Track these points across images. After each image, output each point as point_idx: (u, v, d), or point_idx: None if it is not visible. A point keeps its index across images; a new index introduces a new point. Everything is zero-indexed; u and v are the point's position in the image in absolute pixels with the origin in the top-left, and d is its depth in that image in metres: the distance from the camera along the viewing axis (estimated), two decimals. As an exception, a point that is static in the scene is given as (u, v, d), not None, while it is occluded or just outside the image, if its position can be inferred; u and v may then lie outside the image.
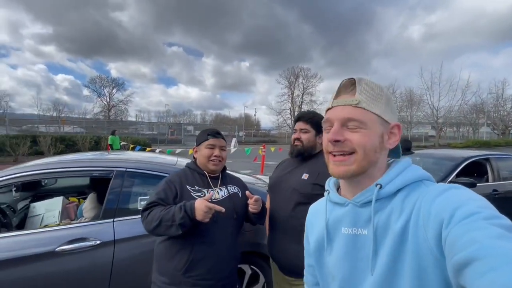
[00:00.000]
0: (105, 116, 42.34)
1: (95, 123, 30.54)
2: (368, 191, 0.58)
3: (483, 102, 35.63)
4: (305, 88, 51.79)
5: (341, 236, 0.62)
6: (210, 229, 1.27)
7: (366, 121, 0.58)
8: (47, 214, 2.52)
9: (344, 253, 0.60)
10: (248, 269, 1.98)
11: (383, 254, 0.53)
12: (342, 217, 0.62)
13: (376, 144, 0.58)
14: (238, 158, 12.16)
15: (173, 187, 1.30)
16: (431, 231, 0.47)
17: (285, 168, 1.51)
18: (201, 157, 1.39)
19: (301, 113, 1.50)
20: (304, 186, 1.32)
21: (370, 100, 0.58)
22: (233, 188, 1.45)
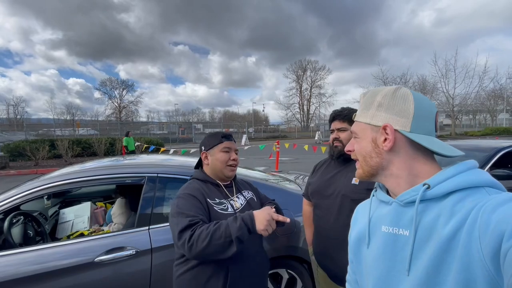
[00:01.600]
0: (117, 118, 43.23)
1: (108, 125, 31.18)
2: (414, 190, 0.56)
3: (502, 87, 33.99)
4: (313, 81, 51.30)
5: (381, 234, 0.61)
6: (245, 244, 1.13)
7: (357, 131, 0.65)
8: (77, 220, 2.54)
9: (382, 252, 0.59)
10: (285, 273, 1.92)
11: (424, 257, 0.51)
12: (384, 215, 0.62)
13: (368, 149, 0.62)
14: (251, 154, 12.12)
15: (199, 202, 1.14)
16: (487, 243, 0.43)
17: (328, 172, 1.41)
18: (217, 163, 1.27)
19: (336, 112, 1.41)
20: (356, 193, 1.22)
21: (361, 112, 0.65)
22: (247, 193, 1.37)
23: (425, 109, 0.59)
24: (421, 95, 0.62)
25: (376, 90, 0.64)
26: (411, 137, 0.58)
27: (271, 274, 1.90)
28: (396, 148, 0.59)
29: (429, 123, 0.60)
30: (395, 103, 0.60)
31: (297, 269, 1.93)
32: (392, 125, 0.59)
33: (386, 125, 0.59)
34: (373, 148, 0.61)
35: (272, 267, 1.88)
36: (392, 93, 0.61)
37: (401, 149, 0.59)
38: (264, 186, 2.13)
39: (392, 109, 0.60)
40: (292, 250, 1.90)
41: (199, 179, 1.28)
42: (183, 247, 1.01)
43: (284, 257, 1.90)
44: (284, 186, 2.27)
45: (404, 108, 0.59)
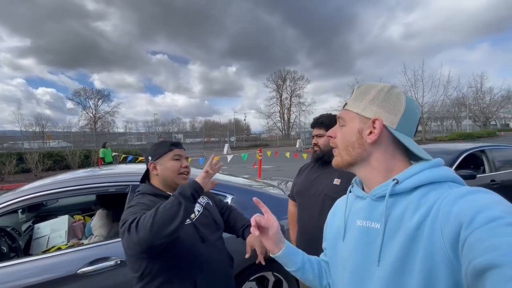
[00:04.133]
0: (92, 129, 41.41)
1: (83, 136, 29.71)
2: (385, 185, 0.59)
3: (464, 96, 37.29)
4: (293, 90, 52.63)
5: (356, 228, 0.64)
6: (205, 251, 1.14)
7: (345, 118, 0.66)
8: (53, 234, 2.42)
9: (356, 244, 0.62)
10: (271, 276, 1.96)
11: (392, 248, 0.54)
12: (359, 209, 0.65)
13: (352, 139, 0.63)
14: (234, 163, 12.11)
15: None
16: (448, 232, 0.46)
17: (312, 173, 1.52)
18: (168, 172, 1.19)
19: (315, 119, 1.54)
20: (337, 192, 1.33)
21: (353, 100, 0.66)
22: (202, 199, 1.31)
23: (413, 111, 0.63)
24: (412, 98, 0.65)
25: (371, 84, 0.66)
26: (396, 134, 0.60)
27: (258, 277, 1.93)
28: (378, 142, 0.61)
29: (412, 125, 0.63)
30: (388, 100, 0.62)
31: (283, 271, 1.98)
32: (381, 119, 0.61)
33: (376, 118, 0.61)
34: (357, 139, 0.63)
35: (258, 270, 1.92)
36: (387, 90, 0.63)
37: (382, 144, 0.62)
38: (248, 191, 2.18)
39: (384, 105, 0.62)
40: (277, 252, 1.95)
41: (148, 194, 1.16)
42: (128, 233, 0.89)
43: (270, 259, 1.94)
44: (267, 191, 2.34)
45: (396, 106, 0.62)
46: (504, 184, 3.75)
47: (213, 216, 1.27)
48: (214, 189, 1.99)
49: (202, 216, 1.22)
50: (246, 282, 1.87)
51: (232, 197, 2.01)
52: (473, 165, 4.09)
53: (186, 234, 1.11)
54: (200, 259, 1.12)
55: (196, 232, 1.14)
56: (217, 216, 1.31)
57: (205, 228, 1.19)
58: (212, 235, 1.21)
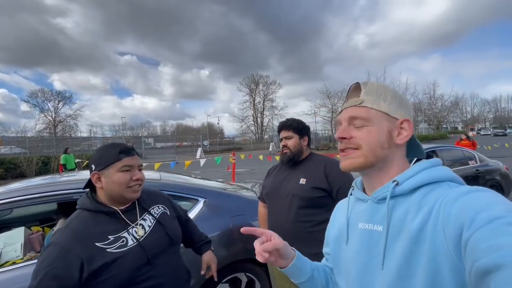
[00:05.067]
0: (51, 133, 38.21)
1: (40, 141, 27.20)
2: (385, 187, 0.59)
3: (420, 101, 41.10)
4: (265, 94, 53.45)
5: (358, 231, 0.63)
6: (152, 273, 1.05)
7: (370, 117, 0.61)
8: (6, 249, 2.21)
9: (359, 248, 0.61)
10: (244, 276, 1.99)
11: (396, 251, 0.53)
12: (361, 212, 0.64)
13: (382, 139, 0.60)
14: (207, 168, 11.95)
15: (73, 259, 0.91)
16: (450, 233, 0.46)
17: (279, 175, 1.59)
18: (113, 186, 1.03)
19: (282, 122, 1.62)
20: (303, 191, 1.41)
21: (374, 99, 0.62)
22: (158, 209, 1.19)
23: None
24: None
25: (380, 84, 0.66)
26: (414, 136, 0.63)
27: (230, 279, 1.95)
28: (404, 143, 0.62)
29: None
30: (404, 102, 0.64)
31: (255, 271, 2.02)
32: (411, 120, 0.62)
33: (406, 119, 0.62)
34: (387, 139, 0.60)
35: (231, 272, 1.94)
36: (399, 92, 0.66)
37: (404, 146, 0.63)
38: (222, 194, 2.20)
39: (404, 107, 0.63)
40: (250, 253, 1.99)
41: (89, 210, 1.04)
42: None
43: (242, 261, 1.98)
44: (241, 193, 2.37)
45: (410, 109, 0.65)
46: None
47: (166, 230, 1.15)
48: (186, 193, 1.99)
49: (153, 232, 1.10)
50: (219, 284, 1.88)
51: (204, 200, 2.02)
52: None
53: (129, 258, 1.00)
54: (146, 284, 1.03)
55: (142, 253, 1.03)
56: (172, 229, 1.18)
57: (155, 246, 1.08)
58: (163, 253, 1.11)
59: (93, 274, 0.93)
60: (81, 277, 0.91)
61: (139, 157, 1.14)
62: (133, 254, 1.01)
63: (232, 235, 1.95)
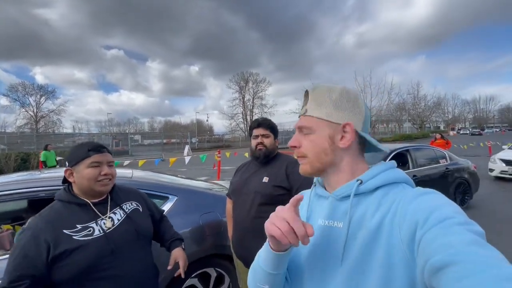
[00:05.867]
0: (32, 129, 36.84)
1: (20, 137, 26.13)
2: (348, 186, 0.61)
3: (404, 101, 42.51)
4: (255, 92, 53.40)
5: (318, 227, 0.64)
6: (113, 264, 1.11)
7: (312, 126, 0.63)
8: (-26, 247, 2.19)
9: (319, 243, 0.63)
10: (213, 271, 2.06)
11: (354, 247, 0.55)
12: (322, 209, 0.66)
13: (324, 146, 0.62)
14: (193, 165, 11.91)
15: (41, 242, 1.02)
16: (405, 230, 0.49)
17: (245, 173, 1.65)
18: (82, 180, 1.13)
19: (260, 120, 1.64)
20: (265, 189, 1.48)
21: (315, 106, 0.63)
22: (130, 205, 1.27)
23: (367, 110, 0.66)
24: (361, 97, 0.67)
25: (327, 87, 0.65)
26: (364, 136, 0.62)
27: (200, 273, 2.01)
28: (349, 146, 0.62)
29: (368, 123, 0.66)
30: (351, 102, 0.63)
31: (225, 266, 2.09)
32: (353, 123, 0.62)
33: (347, 123, 0.61)
34: (329, 145, 0.62)
35: (200, 266, 2.00)
36: (346, 92, 0.63)
37: (352, 147, 0.63)
38: (193, 192, 2.25)
39: (349, 108, 0.62)
40: (220, 248, 2.05)
41: (62, 201, 1.14)
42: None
43: (213, 256, 2.04)
44: (213, 191, 2.43)
45: (358, 108, 0.63)
46: (424, 178, 4.41)
47: (135, 225, 1.22)
48: (157, 190, 2.03)
49: (122, 225, 1.18)
50: (189, 279, 1.94)
51: (175, 198, 2.06)
52: (401, 162, 4.72)
53: (92, 247, 1.08)
54: (107, 273, 1.09)
55: (106, 243, 1.11)
56: (141, 225, 1.25)
57: (121, 238, 1.15)
58: (129, 247, 1.17)
59: (57, 257, 1.04)
60: (47, 258, 1.03)
61: (110, 154, 1.23)
62: (97, 243, 1.10)
63: (202, 231, 2.01)
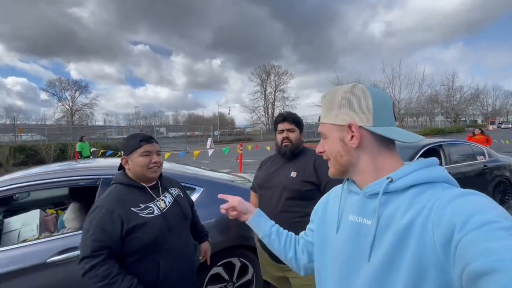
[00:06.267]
0: (68, 122, 39.58)
1: (59, 129, 28.29)
2: (378, 183, 0.60)
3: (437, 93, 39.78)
4: (277, 85, 52.92)
5: (348, 222, 0.65)
6: (170, 239, 1.27)
7: (325, 132, 0.67)
8: (24, 228, 2.42)
9: (347, 238, 0.63)
10: (238, 262, 2.11)
11: (382, 245, 0.55)
12: (352, 205, 0.66)
13: (338, 149, 0.65)
14: (216, 158, 12.16)
15: (115, 217, 1.16)
16: (440, 234, 0.47)
17: (271, 167, 1.64)
18: (136, 167, 1.27)
19: (286, 114, 1.61)
20: (293, 184, 1.47)
21: (325, 112, 0.67)
22: (174, 191, 1.44)
23: (382, 101, 0.62)
24: (376, 89, 0.65)
25: (334, 90, 0.66)
26: (375, 130, 0.60)
27: (225, 263, 2.08)
28: (363, 144, 0.61)
29: (388, 114, 0.63)
30: (354, 100, 0.62)
31: (249, 257, 2.14)
32: (356, 122, 0.61)
33: (350, 123, 0.61)
34: (342, 147, 0.63)
35: (225, 256, 2.06)
36: (349, 91, 0.63)
37: (367, 145, 0.62)
38: (219, 184, 2.30)
39: (353, 106, 0.62)
40: (244, 239, 2.09)
41: (123, 184, 1.28)
42: (80, 270, 1.12)
43: (237, 246, 2.09)
44: (238, 184, 2.47)
45: (363, 104, 0.61)
46: (457, 176, 4.12)
47: (181, 208, 1.39)
48: (185, 182, 2.10)
49: (172, 207, 1.34)
50: (214, 267, 2.01)
51: (202, 190, 2.13)
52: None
53: (155, 224, 1.24)
54: (165, 246, 1.26)
55: (164, 222, 1.27)
56: (185, 208, 1.42)
57: (173, 218, 1.32)
58: (179, 225, 1.35)
59: (129, 231, 1.18)
60: (121, 232, 1.16)
61: (157, 144, 1.36)
62: (158, 221, 1.25)
63: (227, 222, 2.06)
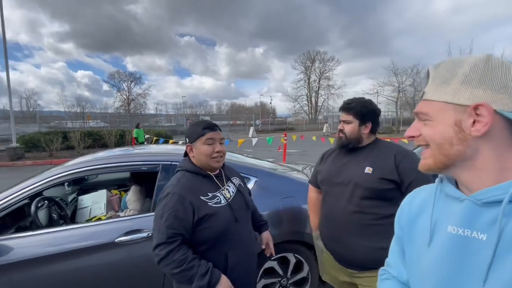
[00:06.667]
0: (126, 110, 43.79)
1: (118, 117, 31.59)
2: (499, 188, 0.47)
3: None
4: (322, 72, 50.61)
5: (446, 234, 0.53)
6: (237, 230, 1.23)
7: (429, 112, 0.54)
8: (94, 206, 2.67)
9: (447, 253, 0.52)
10: (293, 257, 2.01)
11: (506, 267, 0.44)
12: (453, 213, 0.53)
13: (448, 135, 0.51)
14: (258, 147, 12.20)
15: (188, 205, 1.11)
16: None
17: (338, 160, 1.46)
18: (200, 156, 1.22)
19: (344, 103, 1.42)
20: (369, 181, 1.27)
21: (436, 87, 0.53)
22: (236, 180, 1.40)
23: None
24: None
25: (456, 60, 0.52)
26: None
27: (279, 257, 1.99)
28: (490, 133, 0.48)
29: None
30: (490, 75, 0.48)
31: (304, 253, 2.02)
32: (488, 103, 0.47)
33: (480, 104, 0.47)
34: (456, 134, 0.50)
35: (280, 251, 1.97)
36: (484, 62, 0.49)
37: (494, 135, 0.48)
38: (274, 175, 2.20)
39: (487, 83, 0.48)
40: (299, 235, 1.98)
41: (190, 171, 1.23)
42: (155, 257, 1.09)
43: (291, 242, 1.98)
44: (291, 175, 2.34)
45: (504, 81, 0.47)
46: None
47: (244, 198, 1.34)
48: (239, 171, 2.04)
49: (236, 197, 1.29)
50: (268, 261, 1.94)
51: (255, 180, 2.05)
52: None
53: (223, 214, 1.18)
54: (233, 238, 1.21)
55: (231, 212, 1.22)
56: (247, 198, 1.38)
57: (239, 208, 1.27)
58: (244, 216, 1.29)
59: (199, 221, 1.13)
60: (193, 220, 1.12)
61: (221, 132, 1.30)
62: (226, 211, 1.20)
63: (282, 216, 1.96)
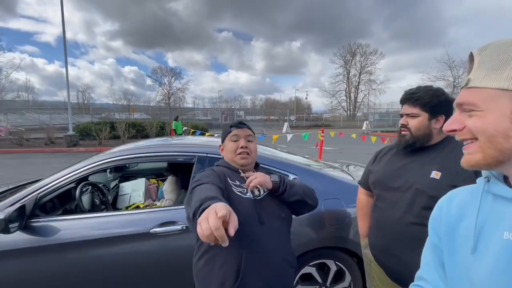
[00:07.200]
0: (166, 104, 46.41)
1: (159, 110, 33.65)
2: None
3: None
4: (363, 66, 47.91)
5: (499, 241, 0.47)
6: (260, 233, 1.07)
7: (476, 101, 0.49)
8: (133, 193, 2.77)
9: (505, 264, 0.46)
10: (333, 265, 1.83)
11: None
12: (506, 217, 0.47)
13: (502, 126, 0.46)
14: (293, 143, 11.94)
15: (217, 175, 1.12)
16: None
17: (396, 161, 1.24)
18: (227, 153, 1.23)
19: (407, 93, 1.19)
20: (435, 188, 1.04)
21: (487, 72, 0.47)
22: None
23: None
24: None
25: (509, 41, 0.47)
26: None
27: (318, 263, 1.83)
28: None
29: None
30: None
31: (346, 261, 1.82)
32: None
33: None
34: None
35: (319, 257, 1.81)
36: None
37: None
38: (315, 174, 2.02)
39: None
40: (342, 241, 1.79)
41: (222, 166, 1.24)
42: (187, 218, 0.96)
43: (332, 248, 1.80)
44: (328, 172, 2.12)
45: None
46: None
47: (279, 206, 1.17)
48: (277, 167, 1.90)
49: (266, 199, 1.15)
50: (306, 266, 1.79)
51: (294, 178, 1.90)
52: None
53: (245, 207, 1.06)
54: (252, 238, 1.05)
55: (254, 209, 1.08)
56: (284, 209, 1.19)
57: (266, 211, 1.11)
58: (273, 222, 1.12)
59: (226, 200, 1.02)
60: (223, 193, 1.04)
61: (250, 130, 1.27)
62: (249, 204, 1.09)
63: (323, 219, 1.78)
